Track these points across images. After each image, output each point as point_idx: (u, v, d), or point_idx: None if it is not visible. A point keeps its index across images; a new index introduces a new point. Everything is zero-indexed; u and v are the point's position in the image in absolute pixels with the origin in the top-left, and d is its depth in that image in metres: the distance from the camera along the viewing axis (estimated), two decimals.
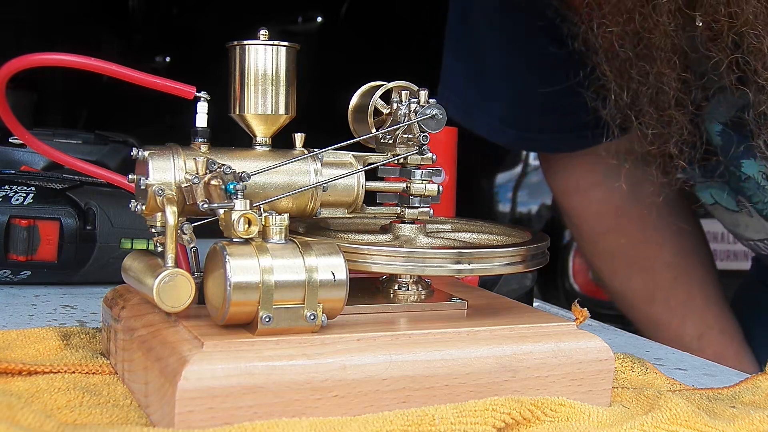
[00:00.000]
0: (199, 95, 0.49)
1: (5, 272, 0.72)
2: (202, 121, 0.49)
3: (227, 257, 0.41)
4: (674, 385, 0.55)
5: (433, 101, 0.52)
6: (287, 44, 0.50)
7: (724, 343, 0.95)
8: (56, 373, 0.47)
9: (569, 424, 0.44)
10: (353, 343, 0.43)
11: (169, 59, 2.54)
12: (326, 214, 0.52)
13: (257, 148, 0.51)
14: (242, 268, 0.41)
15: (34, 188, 0.74)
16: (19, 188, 0.73)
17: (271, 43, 0.50)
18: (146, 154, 0.47)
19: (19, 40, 1.89)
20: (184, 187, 0.46)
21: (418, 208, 0.52)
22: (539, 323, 0.48)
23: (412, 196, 0.52)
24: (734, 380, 0.56)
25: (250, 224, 0.42)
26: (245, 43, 0.50)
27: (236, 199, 0.43)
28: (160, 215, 0.46)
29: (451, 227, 0.57)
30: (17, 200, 0.72)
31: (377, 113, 0.54)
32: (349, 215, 0.53)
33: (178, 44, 2.46)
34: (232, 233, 0.42)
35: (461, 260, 0.47)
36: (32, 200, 0.72)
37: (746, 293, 1.03)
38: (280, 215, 0.43)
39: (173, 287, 0.42)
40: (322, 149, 0.51)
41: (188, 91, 0.49)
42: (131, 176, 0.49)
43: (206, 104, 0.49)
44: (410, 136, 0.52)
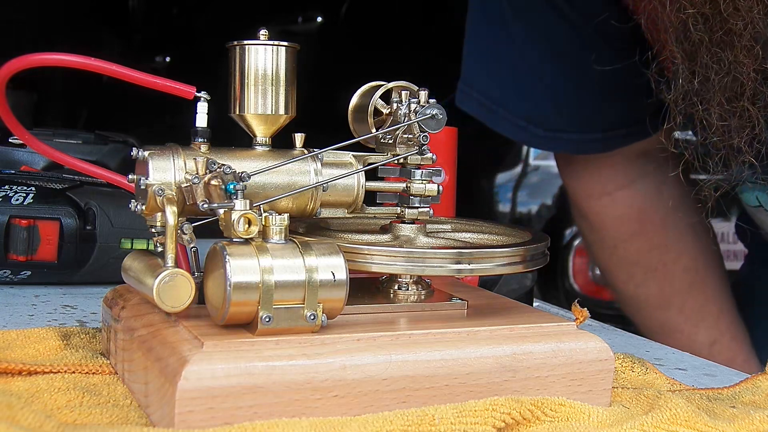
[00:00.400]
0: (199, 95, 0.49)
1: (5, 272, 0.72)
2: (202, 121, 0.49)
3: (227, 257, 0.41)
4: (674, 385, 0.55)
5: (433, 101, 0.52)
6: (287, 44, 0.50)
7: (735, 349, 0.94)
8: (56, 373, 0.47)
9: (569, 424, 0.44)
10: (353, 343, 0.43)
11: (169, 59, 2.54)
12: (326, 214, 0.52)
13: (257, 148, 0.51)
14: (242, 268, 0.41)
15: (34, 188, 0.74)
16: (19, 188, 0.73)
17: (271, 43, 0.50)
18: (146, 154, 0.47)
19: (19, 40, 1.89)
20: (184, 187, 0.46)
21: (418, 208, 0.52)
22: (539, 323, 0.48)
23: (412, 196, 0.52)
24: (734, 380, 0.56)
25: (250, 224, 0.42)
26: (245, 43, 0.50)
27: (236, 199, 0.43)
28: (160, 215, 0.46)
29: (451, 227, 0.57)
30: (17, 200, 0.72)
31: (377, 113, 0.54)
32: (349, 215, 0.53)
33: (178, 44, 2.47)
34: (232, 233, 0.42)
35: (461, 260, 0.47)
36: (32, 200, 0.72)
37: (744, 293, 1.02)
38: (280, 215, 0.43)
39: (173, 287, 0.42)
40: (322, 149, 0.51)
41: (188, 91, 0.48)
42: (131, 176, 0.49)
43: (206, 104, 0.49)
44: (410, 136, 0.52)
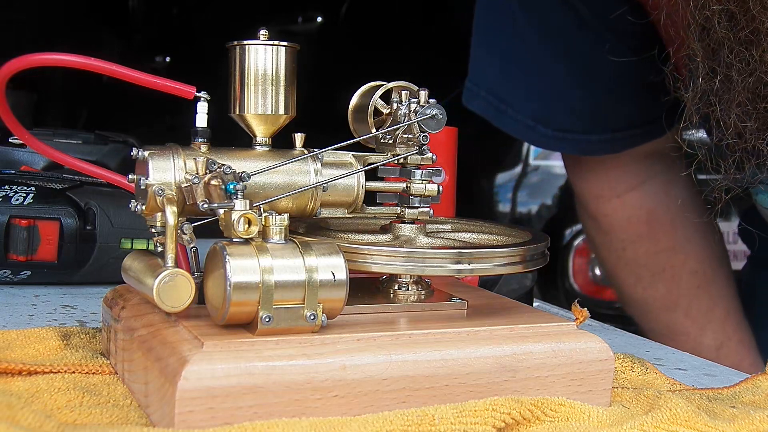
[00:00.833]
0: (199, 95, 0.49)
1: (5, 272, 0.72)
2: (202, 121, 0.49)
3: (227, 257, 0.41)
4: (674, 385, 0.55)
5: (433, 101, 0.52)
6: (287, 44, 0.50)
7: (742, 353, 0.94)
8: (56, 373, 0.47)
9: (569, 424, 0.44)
10: (353, 343, 0.43)
11: (169, 59, 2.54)
12: (326, 214, 0.52)
13: (257, 148, 0.51)
14: (242, 268, 0.41)
15: (34, 188, 0.74)
16: (19, 188, 0.73)
17: (271, 43, 0.50)
18: (146, 154, 0.47)
19: (19, 40, 1.88)
20: (184, 187, 0.46)
21: (418, 208, 0.52)
22: (539, 323, 0.48)
23: (412, 196, 0.52)
24: (734, 380, 0.56)
25: (250, 224, 0.42)
26: (245, 43, 0.50)
27: (236, 199, 0.43)
28: (160, 215, 0.46)
29: (451, 227, 0.57)
30: (17, 200, 0.72)
31: (377, 113, 0.54)
32: (349, 215, 0.53)
33: (178, 44, 2.47)
34: (232, 233, 0.42)
35: (461, 260, 0.47)
36: (32, 200, 0.72)
37: (746, 293, 1.02)
38: (280, 215, 0.43)
39: (173, 287, 0.42)
40: (322, 149, 0.51)
41: (188, 91, 0.48)
42: (131, 176, 0.49)
43: (206, 104, 0.49)
44: (410, 136, 0.52)
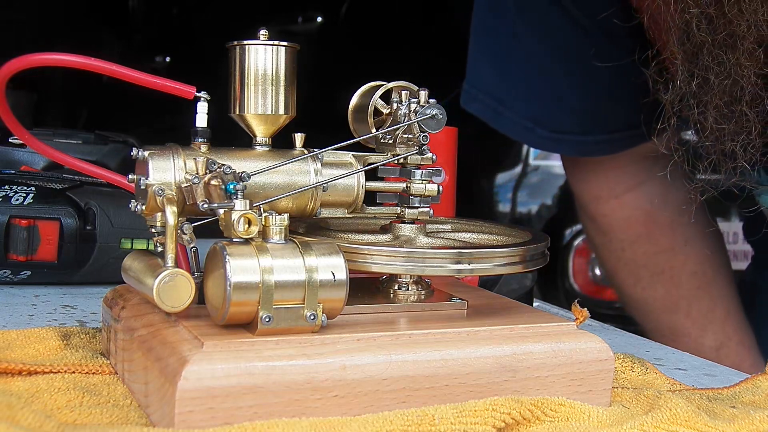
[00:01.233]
0: (199, 95, 0.49)
1: (5, 272, 0.72)
2: (202, 121, 0.49)
3: (227, 257, 0.41)
4: (674, 385, 0.55)
5: (433, 101, 0.52)
6: (287, 44, 0.50)
7: (742, 354, 0.94)
8: (56, 373, 0.47)
9: (569, 424, 0.44)
10: (353, 343, 0.43)
11: (169, 59, 2.54)
12: (326, 214, 0.52)
13: (257, 148, 0.51)
14: (242, 268, 0.41)
15: (34, 188, 0.74)
16: (19, 188, 0.73)
17: (271, 43, 0.50)
18: (146, 154, 0.47)
19: (19, 40, 1.88)
20: (184, 187, 0.46)
21: (418, 208, 0.52)
22: (539, 323, 0.48)
23: (412, 196, 0.52)
24: (734, 380, 0.56)
25: (250, 224, 0.42)
26: (245, 43, 0.50)
27: (236, 199, 0.43)
28: (160, 215, 0.46)
29: (451, 227, 0.57)
30: (17, 200, 0.72)
31: (377, 113, 0.54)
32: (349, 215, 0.53)
33: (178, 44, 2.46)
34: (232, 233, 0.42)
35: (461, 260, 0.47)
36: (32, 200, 0.72)
37: (749, 294, 1.02)
38: (280, 215, 0.43)
39: (173, 287, 0.42)
40: (322, 149, 0.51)
41: (188, 91, 0.49)
42: (131, 176, 0.49)
43: (206, 104, 0.49)
44: (410, 136, 0.52)
